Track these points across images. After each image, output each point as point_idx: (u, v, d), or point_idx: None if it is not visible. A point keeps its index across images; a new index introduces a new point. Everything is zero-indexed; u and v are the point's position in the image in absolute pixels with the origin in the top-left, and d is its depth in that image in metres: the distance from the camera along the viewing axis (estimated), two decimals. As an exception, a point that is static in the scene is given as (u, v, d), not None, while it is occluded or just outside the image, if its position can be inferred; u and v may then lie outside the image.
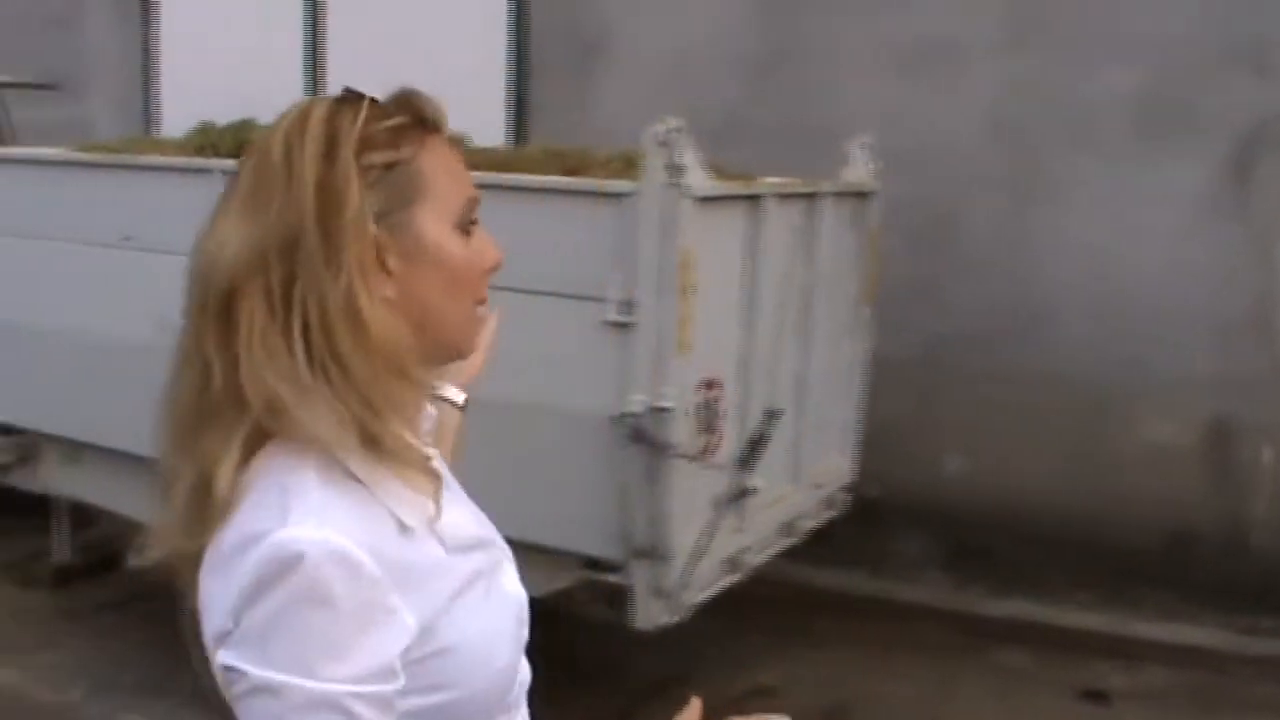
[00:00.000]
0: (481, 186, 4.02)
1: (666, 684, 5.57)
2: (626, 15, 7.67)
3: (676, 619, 4.32)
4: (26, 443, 6.07)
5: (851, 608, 6.47)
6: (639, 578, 4.26)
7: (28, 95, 8.60)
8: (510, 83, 7.99)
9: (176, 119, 7.56)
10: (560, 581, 4.45)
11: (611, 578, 4.37)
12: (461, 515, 1.53)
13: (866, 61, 6.92)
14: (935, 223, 6.69)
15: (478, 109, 7.64)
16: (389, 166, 1.41)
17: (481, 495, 4.24)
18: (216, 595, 1.31)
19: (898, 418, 6.56)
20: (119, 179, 5.48)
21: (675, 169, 4.01)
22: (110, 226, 5.35)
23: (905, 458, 6.70)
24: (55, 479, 6.08)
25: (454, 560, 1.44)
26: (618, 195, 4.19)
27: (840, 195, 5.24)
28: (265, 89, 8.09)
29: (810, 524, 5.34)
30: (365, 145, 1.39)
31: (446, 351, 1.53)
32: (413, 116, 1.45)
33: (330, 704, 1.27)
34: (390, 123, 1.42)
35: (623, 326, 4.16)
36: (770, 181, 4.91)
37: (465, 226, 1.47)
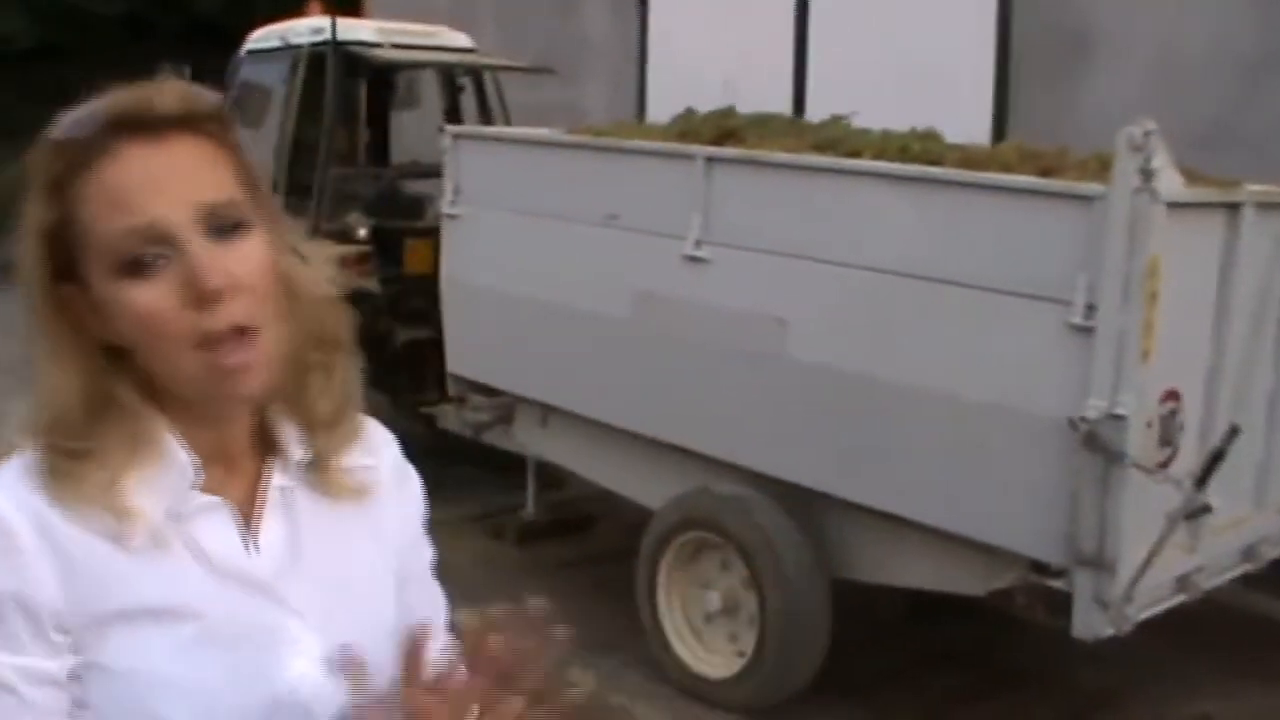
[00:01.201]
0: (951, 183, 4.11)
1: (1105, 696, 5.48)
2: (1116, 13, 7.46)
3: (1117, 632, 4.22)
4: (505, 404, 6.52)
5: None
6: (1082, 585, 4.20)
7: (525, 78, 9.14)
8: (997, 81, 7.93)
9: (665, 105, 7.94)
10: (1001, 581, 4.45)
11: (1054, 583, 4.32)
12: (232, 550, 1.37)
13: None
14: None
15: (964, 107, 7.65)
16: (52, 225, 1.30)
17: (929, 487, 4.35)
18: None
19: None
20: (605, 161, 5.81)
21: (1147, 173, 3.92)
22: (596, 206, 5.68)
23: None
24: (528, 440, 6.51)
25: (138, 577, 1.31)
26: (1087, 198, 4.14)
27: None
28: (753, 80, 8.45)
29: (1275, 551, 5.07)
30: (41, 201, 1.31)
31: (188, 395, 1.34)
32: (70, 151, 1.29)
33: None
34: (42, 171, 1.30)
35: (1085, 330, 4.10)
36: (1254, 189, 4.70)
37: (130, 267, 1.27)
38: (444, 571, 1.62)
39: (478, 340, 6.41)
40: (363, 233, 7.72)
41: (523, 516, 7.09)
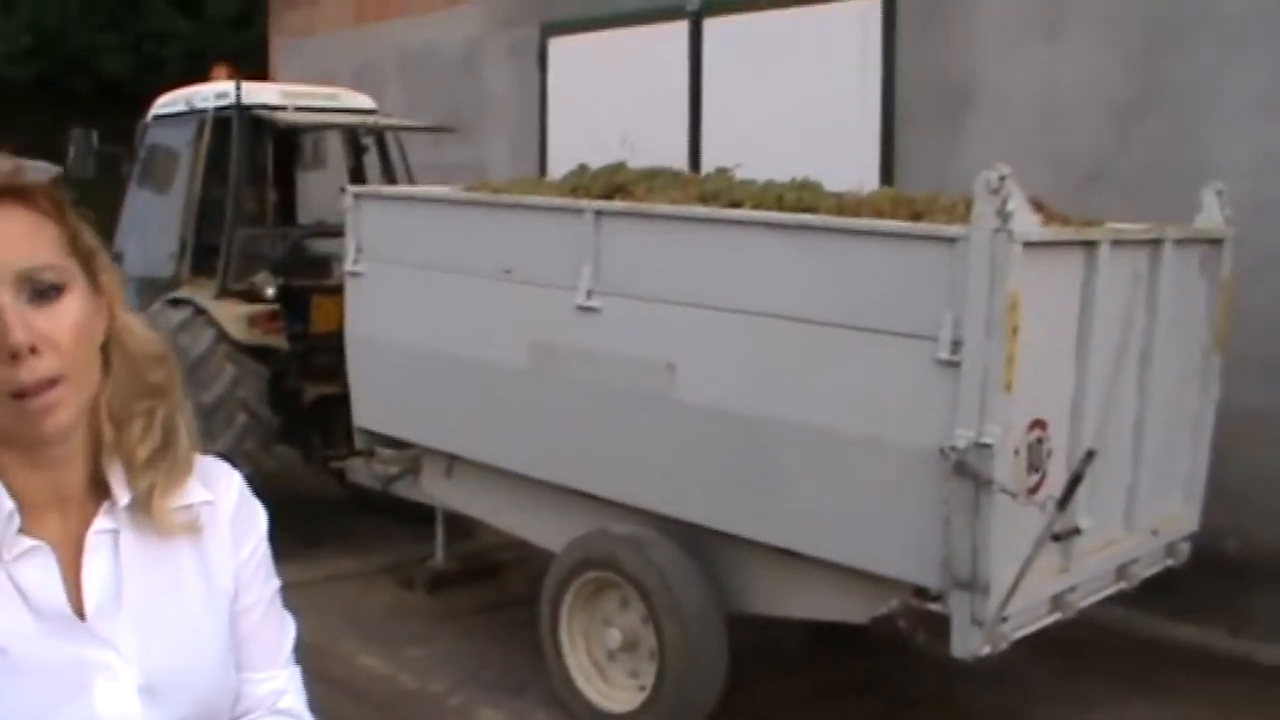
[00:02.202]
0: (825, 230, 4.34)
1: (996, 717, 5.67)
2: (994, 63, 7.77)
3: (993, 650, 4.42)
4: (411, 456, 6.64)
5: (1202, 664, 6.35)
6: (958, 607, 4.39)
7: (429, 137, 9.35)
8: (883, 131, 8.21)
9: (566, 160, 8.15)
10: (883, 606, 4.63)
11: (934, 606, 4.51)
12: (49, 590, 1.48)
13: (1240, 106, 6.78)
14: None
15: (853, 156, 7.92)
16: None
17: (814, 520, 4.53)
18: None
19: (1261, 471, 6.40)
20: (500, 217, 5.98)
21: (1004, 214, 4.16)
22: (492, 260, 5.84)
23: (1268, 513, 6.51)
24: (435, 490, 6.63)
25: None
26: (950, 239, 4.36)
27: (1188, 242, 5.22)
28: (649, 134, 8.68)
29: (1146, 571, 5.31)
30: None
31: (17, 444, 1.47)
32: None
33: None
34: None
35: (952, 365, 4.31)
36: (1110, 227, 4.96)
37: None
38: (357, 619, 1.77)
39: (383, 393, 6.53)
40: (270, 291, 7.82)
41: (432, 566, 7.21)
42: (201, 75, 9.05)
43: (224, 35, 17.44)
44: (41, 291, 1.44)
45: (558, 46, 10.13)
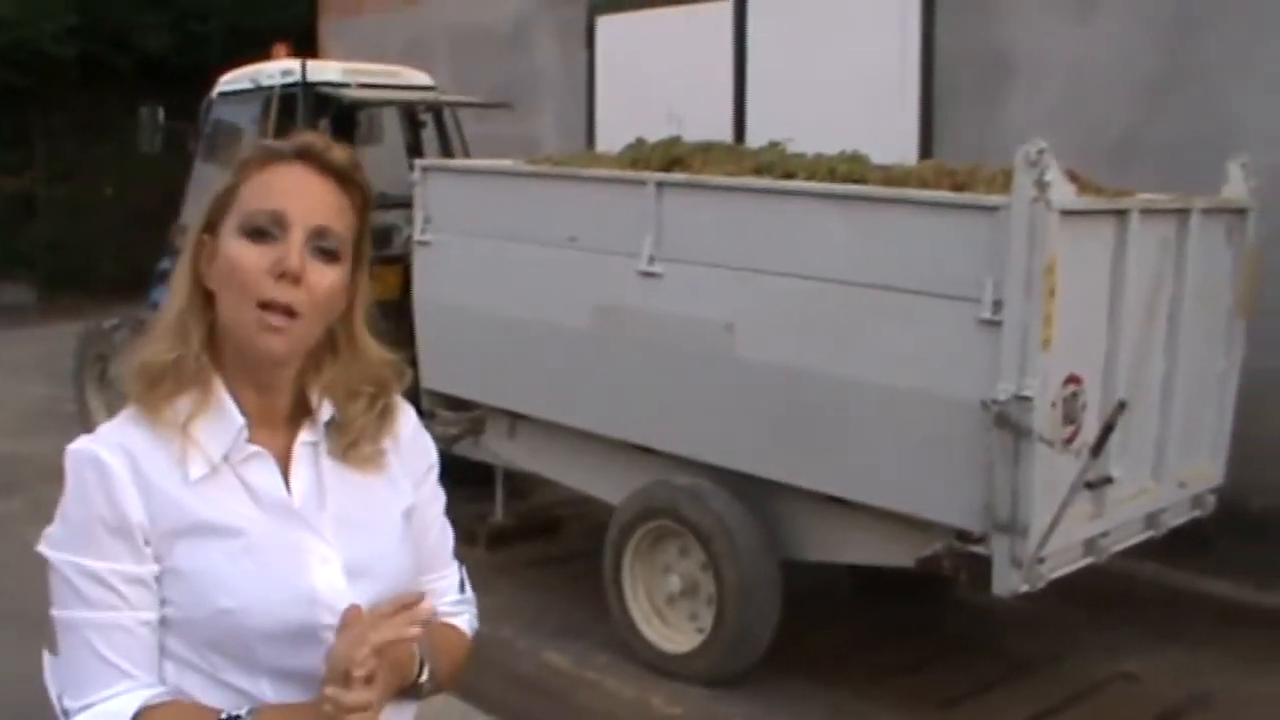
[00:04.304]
0: (875, 200, 4.71)
1: (1035, 661, 6.02)
2: (1031, 37, 8.03)
3: (1031, 588, 4.77)
4: (474, 417, 6.97)
5: (1228, 614, 6.66)
6: (999, 549, 4.74)
7: (479, 112, 9.71)
8: (923, 104, 8.51)
9: (613, 135, 8.46)
10: (928, 549, 4.99)
11: (975, 548, 4.87)
12: (272, 485, 1.84)
13: (1265, 84, 7.02)
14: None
15: (892, 129, 8.22)
16: (225, 190, 1.82)
17: (864, 470, 4.91)
18: None
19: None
20: (564, 188, 6.32)
21: (1042, 185, 4.50)
22: (556, 229, 6.19)
23: (1294, 471, 6.77)
24: (498, 449, 6.97)
25: (200, 502, 1.78)
26: (992, 208, 4.71)
27: (1213, 211, 5.53)
28: (695, 109, 9.00)
29: (1174, 520, 5.62)
30: (229, 174, 1.84)
31: (237, 343, 1.81)
32: (261, 153, 1.83)
33: (56, 569, 1.76)
34: (242, 158, 1.84)
35: (993, 324, 4.66)
36: (1140, 197, 5.28)
37: (251, 232, 1.76)
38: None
39: (450, 357, 6.84)
40: (333, 261, 8.14)
41: (493, 522, 7.50)
42: (242, 52, 9.36)
43: (264, 13, 17.74)
44: (321, 250, 1.79)
45: (605, 25, 10.45)
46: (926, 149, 8.21)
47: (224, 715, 1.75)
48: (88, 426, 2.18)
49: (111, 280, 15.80)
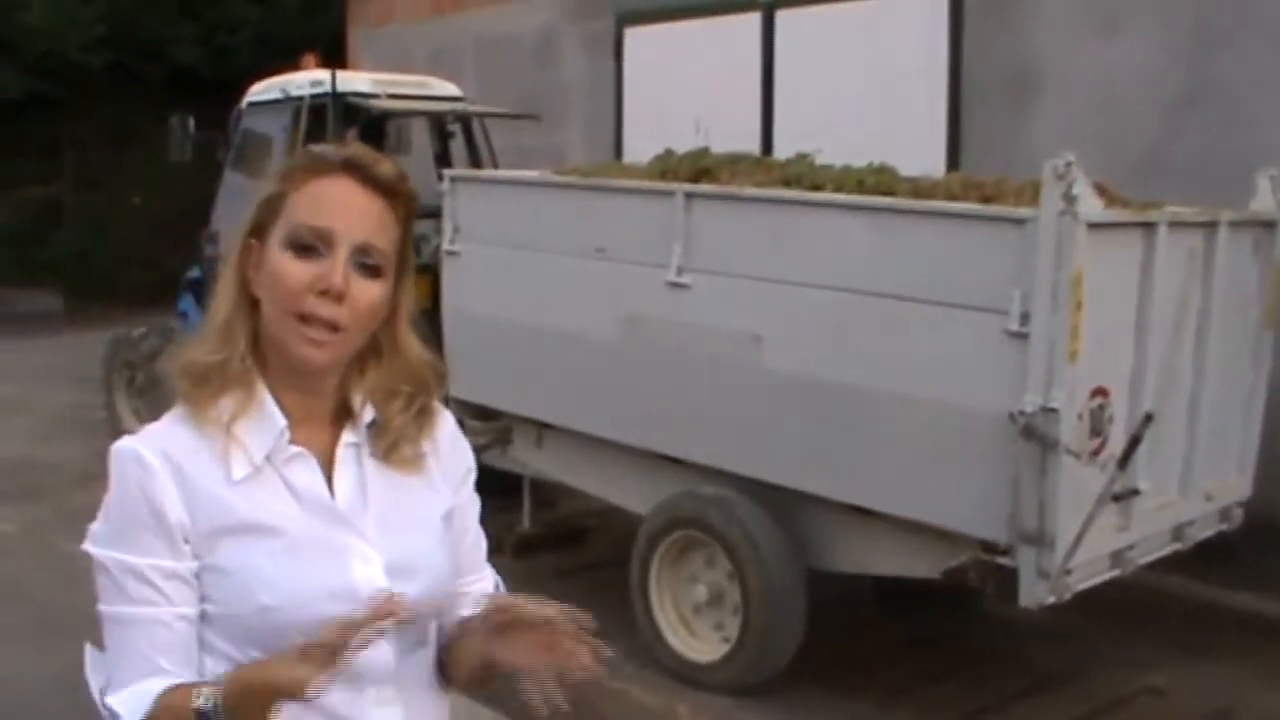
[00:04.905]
0: (903, 212, 4.74)
1: (1060, 674, 6.02)
2: (1057, 50, 8.05)
3: (1057, 599, 4.78)
4: (502, 426, 6.99)
5: (1256, 628, 6.64)
6: (1025, 560, 4.75)
7: (506, 123, 9.73)
8: (950, 117, 8.53)
9: (640, 146, 8.49)
10: (954, 560, 5.01)
11: (1002, 559, 4.87)
12: (314, 485, 1.87)
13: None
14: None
15: (920, 140, 8.24)
16: (272, 196, 1.84)
17: (891, 480, 4.92)
18: None
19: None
20: (593, 199, 6.36)
21: (1069, 198, 4.51)
22: (585, 239, 6.23)
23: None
24: (525, 458, 6.98)
25: (243, 501, 1.81)
26: (1020, 221, 4.73)
27: (1241, 224, 5.53)
28: (722, 121, 9.03)
29: (1201, 534, 5.62)
30: (277, 180, 1.86)
31: (280, 350, 1.85)
32: (309, 161, 1.85)
33: (100, 565, 1.80)
34: (291, 165, 1.88)
35: (1021, 336, 4.67)
36: (1168, 210, 5.29)
37: (297, 246, 1.79)
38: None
39: (478, 366, 6.84)
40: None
41: (519, 532, 7.48)
42: (271, 62, 9.43)
43: (292, 23, 17.86)
44: (364, 265, 1.82)
45: (633, 36, 10.49)
46: (953, 161, 8.23)
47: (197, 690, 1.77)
48: (116, 433, 2.24)
49: (139, 288, 15.93)
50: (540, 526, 7.64)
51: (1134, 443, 4.79)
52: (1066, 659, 6.16)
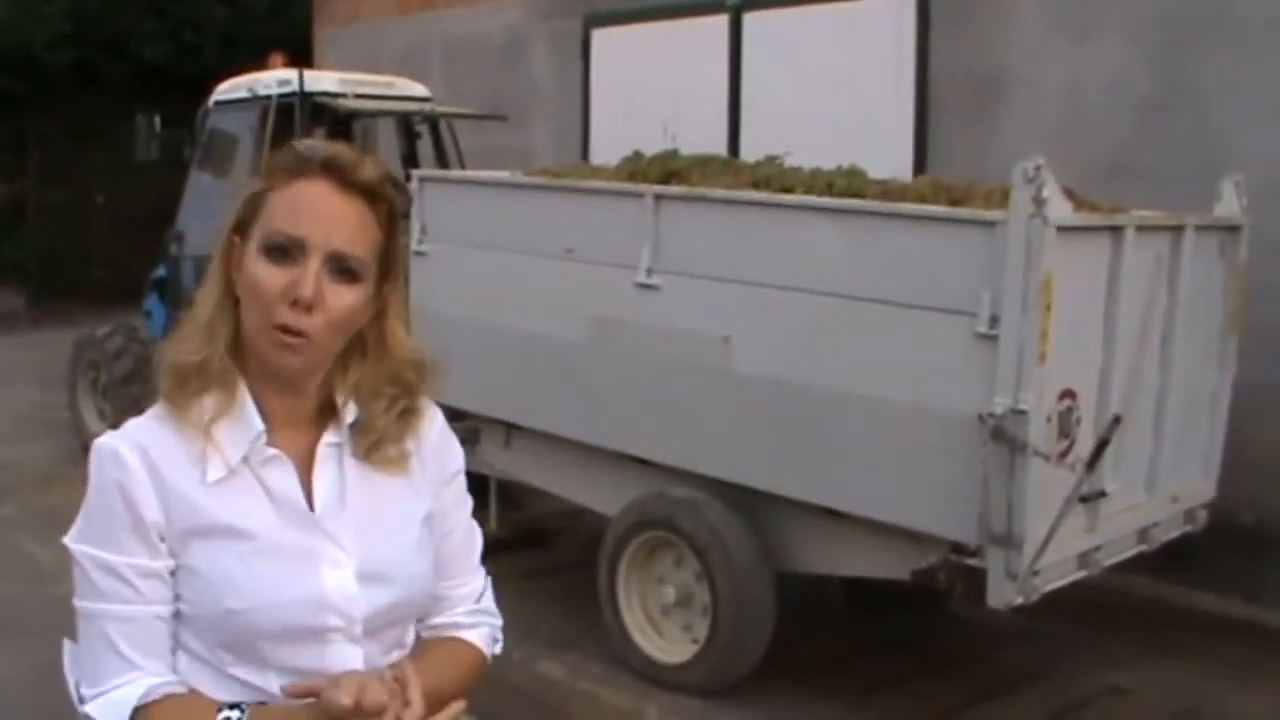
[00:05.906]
0: (873, 214, 4.75)
1: (1024, 674, 6.06)
2: (1024, 55, 8.07)
3: (1025, 601, 4.80)
4: (469, 427, 6.89)
5: (1218, 629, 6.72)
6: (994, 561, 4.76)
7: (473, 124, 9.73)
8: (917, 121, 8.54)
9: (607, 147, 8.48)
10: (923, 561, 5.02)
11: (970, 561, 4.89)
12: (289, 489, 1.87)
13: (1256, 107, 7.06)
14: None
15: (887, 145, 8.26)
16: (255, 194, 1.84)
17: (860, 482, 4.94)
18: None
19: (1276, 446, 6.70)
20: (562, 200, 6.35)
21: (1039, 201, 4.54)
22: (554, 240, 6.21)
23: (1281, 486, 6.82)
24: (493, 459, 6.95)
25: (216, 503, 1.82)
26: (989, 223, 4.74)
27: (1207, 229, 5.56)
28: (690, 124, 9.03)
29: (1166, 535, 5.65)
30: (264, 175, 1.86)
31: (257, 353, 1.84)
32: (291, 161, 1.83)
33: (77, 560, 1.81)
34: (274, 162, 1.86)
35: (990, 338, 4.69)
36: (1135, 214, 5.33)
37: (271, 251, 1.79)
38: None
39: (446, 367, 6.86)
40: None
41: (486, 532, 7.51)
42: (237, 60, 9.39)
43: (260, 22, 17.78)
44: (340, 271, 1.81)
45: (600, 38, 10.48)
46: (920, 165, 8.24)
47: (222, 712, 1.78)
48: (80, 433, 2.22)
49: (103, 287, 15.83)
50: (508, 528, 7.61)
51: (1102, 445, 4.82)
52: (1034, 659, 6.21)
